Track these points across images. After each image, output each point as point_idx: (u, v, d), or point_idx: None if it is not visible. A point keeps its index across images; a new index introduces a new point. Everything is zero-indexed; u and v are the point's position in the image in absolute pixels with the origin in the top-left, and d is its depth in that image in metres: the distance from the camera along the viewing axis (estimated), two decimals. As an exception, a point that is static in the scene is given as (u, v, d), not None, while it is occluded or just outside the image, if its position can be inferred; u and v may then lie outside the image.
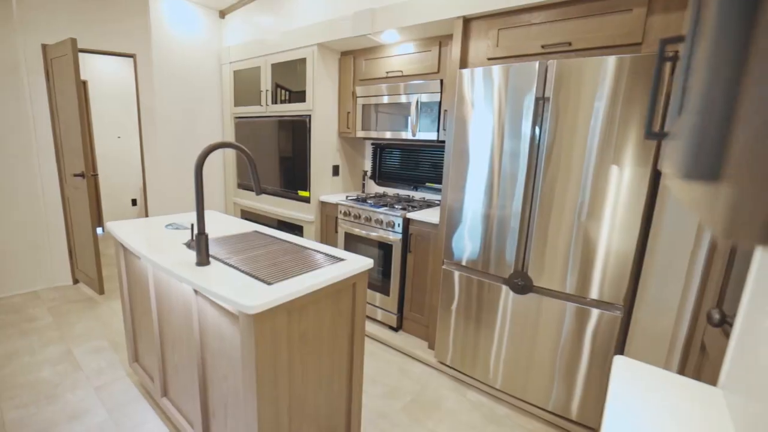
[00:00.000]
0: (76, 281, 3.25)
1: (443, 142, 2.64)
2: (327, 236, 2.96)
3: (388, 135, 2.73)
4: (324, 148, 2.95)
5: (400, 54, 2.62)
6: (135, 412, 1.82)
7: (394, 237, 2.46)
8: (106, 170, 4.75)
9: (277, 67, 3.08)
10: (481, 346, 2.03)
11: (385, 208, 2.54)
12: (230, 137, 3.69)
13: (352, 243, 2.73)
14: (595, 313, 1.65)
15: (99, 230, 3.82)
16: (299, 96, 2.94)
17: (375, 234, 2.57)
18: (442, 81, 2.42)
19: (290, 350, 1.18)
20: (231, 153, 3.70)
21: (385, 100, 2.70)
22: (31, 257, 3.07)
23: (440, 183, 2.87)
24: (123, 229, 1.78)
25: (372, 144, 3.24)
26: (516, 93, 1.75)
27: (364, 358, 1.69)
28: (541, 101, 1.69)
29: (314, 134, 2.87)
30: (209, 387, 1.35)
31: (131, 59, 3.33)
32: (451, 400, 2.00)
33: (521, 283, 1.79)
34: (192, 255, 1.40)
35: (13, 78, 2.85)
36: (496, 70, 1.80)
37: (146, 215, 3.49)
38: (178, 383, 1.58)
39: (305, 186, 2.98)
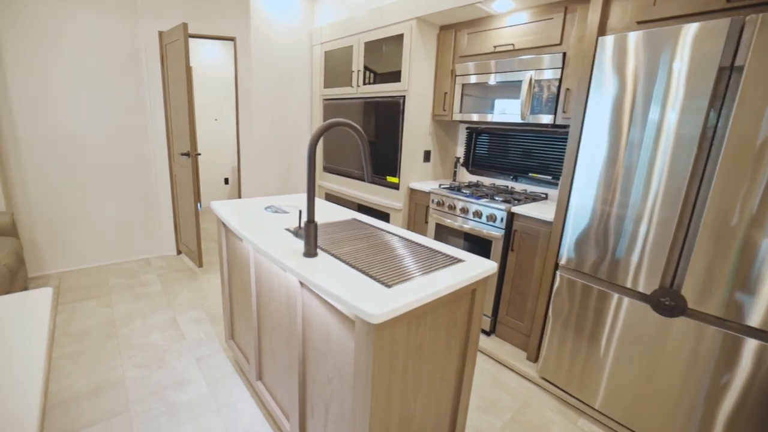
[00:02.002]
0: (179, 252, 3.53)
1: (560, 126, 2.29)
2: (415, 225, 2.80)
3: (490, 118, 2.44)
4: (416, 131, 2.76)
5: (513, 25, 2.29)
6: (230, 389, 1.86)
7: (495, 232, 2.20)
8: (203, 150, 5.11)
9: (370, 46, 2.93)
10: (600, 369, 1.72)
11: (485, 199, 2.28)
12: (318, 120, 3.67)
13: (444, 235, 2.53)
14: (782, 353, 1.26)
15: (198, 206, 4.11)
16: (392, 76, 2.77)
17: (471, 227, 2.33)
18: (564, 54, 2.06)
19: (405, 362, 1.03)
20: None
21: (491, 78, 2.40)
22: (144, 228, 3.38)
23: (546, 174, 2.52)
24: (225, 208, 1.78)
25: (467, 128, 2.97)
26: (686, 63, 1.36)
27: (474, 373, 1.50)
28: (726, 74, 1.29)
29: (407, 117, 2.69)
30: (309, 384, 1.27)
31: (230, 43, 3.43)
32: (559, 426, 1.74)
33: (670, 304, 1.44)
34: (296, 242, 1.31)
35: (134, 64, 3.08)
36: (657, 34, 1.42)
37: (238, 194, 3.65)
38: (274, 371, 1.54)
39: (394, 172, 2.83)
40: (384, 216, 2.97)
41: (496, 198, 2.28)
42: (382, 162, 2.95)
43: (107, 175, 3.13)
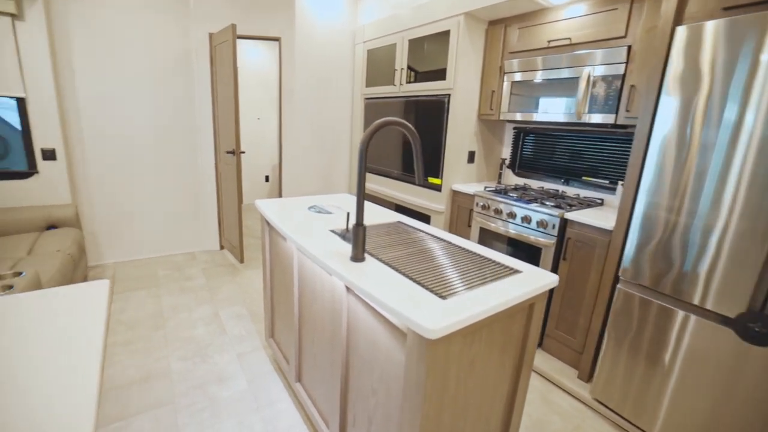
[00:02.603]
0: (222, 247, 3.64)
1: (620, 126, 2.11)
2: (457, 229, 2.70)
3: (539, 117, 2.30)
4: (461, 131, 2.66)
5: (570, 17, 2.14)
6: (270, 388, 1.86)
7: (545, 240, 2.07)
8: (245, 148, 5.26)
9: (414, 44, 2.86)
10: (661, 394, 1.56)
11: (535, 204, 2.15)
12: (359, 119, 3.65)
13: (488, 240, 2.42)
14: None
15: (241, 203, 4.22)
16: (436, 74, 2.69)
17: (518, 233, 2.21)
18: (629, 48, 1.89)
19: (458, 379, 0.95)
20: (359, 133, 3.67)
21: (542, 75, 2.26)
22: (190, 223, 3.51)
23: (601, 177, 2.34)
24: (269, 207, 1.78)
25: (514, 128, 2.83)
26: (787, 54, 1.19)
27: (527, 392, 1.40)
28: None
29: (452, 116, 2.60)
30: (352, 393, 1.23)
31: (275, 43, 3.49)
32: (616, 453, 1.59)
33: (761, 330, 1.27)
34: (342, 245, 1.27)
35: (186, 65, 3.21)
36: (751, 21, 1.25)
37: (279, 192, 3.71)
38: (315, 374, 1.52)
39: (437, 173, 2.75)
40: (424, 218, 2.90)
41: (547, 203, 2.14)
42: (424, 163, 2.88)
43: (158, 172, 3.28)
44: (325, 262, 1.14)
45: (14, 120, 2.65)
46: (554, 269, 2.07)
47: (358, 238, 1.11)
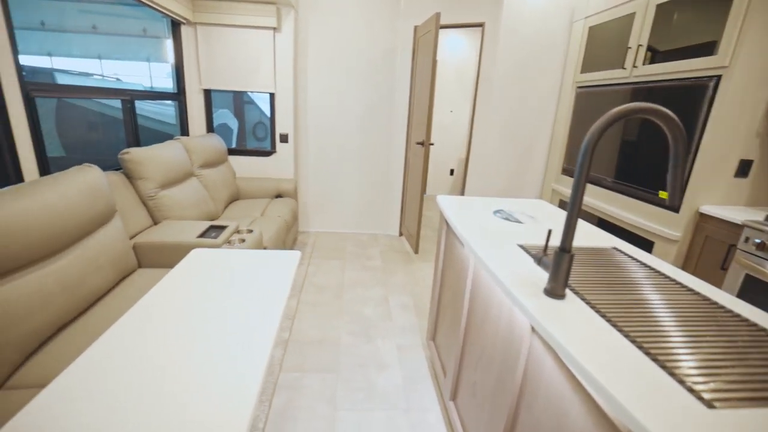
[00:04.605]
0: (401, 234, 3.81)
1: None
2: (699, 269, 1.93)
3: None
4: (731, 129, 1.85)
5: None
6: (422, 394, 1.77)
7: None
8: (434, 140, 5.34)
9: (662, 11, 2.14)
10: None
11: None
12: (564, 112, 3.10)
13: (757, 295, 1.61)
14: None
15: (423, 193, 4.31)
16: (695, 50, 1.93)
17: (828, 296, 1.37)
18: None
19: None
20: (563, 128, 3.12)
21: None
22: (378, 207, 3.80)
23: None
24: (450, 205, 1.64)
25: (841, 127, 1.78)
26: None
27: None
28: None
29: (719, 106, 1.82)
30: (517, 455, 0.97)
31: (472, 32, 3.29)
32: None
33: None
34: (534, 268, 1.00)
35: (390, 59, 3.40)
36: None
37: (462, 186, 3.58)
38: (472, 403, 1.31)
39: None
40: (643, 243, 2.20)
41: None
42: (654, 171, 2.17)
43: (358, 158, 3.65)
44: (509, 289, 0.90)
45: (267, 111, 3.40)
46: None
47: (560, 268, 0.82)
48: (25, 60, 1.63)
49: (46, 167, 1.75)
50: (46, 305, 1.27)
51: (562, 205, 3.07)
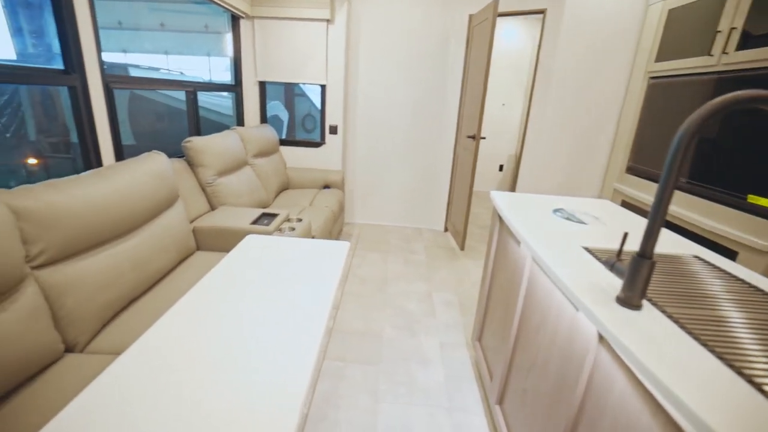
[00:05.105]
0: (446, 229, 3.74)
1: None
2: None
3: None
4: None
5: None
6: (466, 394, 1.72)
7: None
8: (485, 135, 5.15)
9: (767, -13, 1.87)
10: None
11: None
12: (633, 106, 2.84)
13: None
14: None
15: (470, 188, 4.19)
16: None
17: None
18: None
19: None
20: (629, 123, 2.87)
21: None
22: (423, 201, 3.75)
23: None
24: (505, 201, 1.56)
25: None
26: None
27: None
28: None
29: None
30: (574, 472, 0.91)
31: (532, 20, 3.10)
32: None
33: None
34: (603, 273, 0.92)
35: (442, 50, 3.30)
36: None
37: (512, 184, 3.42)
38: (521, 411, 1.25)
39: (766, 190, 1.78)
40: (723, 252, 1.97)
41: None
42: (742, 172, 1.92)
43: (406, 150, 3.61)
44: (576, 294, 0.83)
45: (317, 102, 3.45)
46: None
47: (638, 275, 0.74)
48: (104, 57, 1.76)
49: (120, 153, 1.90)
50: (120, 280, 1.38)
51: (624, 206, 2.83)
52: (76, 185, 1.29)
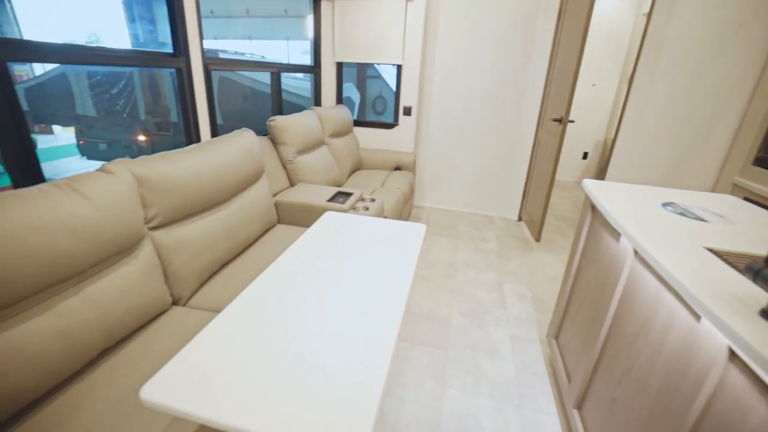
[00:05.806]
0: (520, 219, 3.53)
1: None
2: None
3: None
4: None
5: None
6: (537, 392, 1.63)
7: None
8: (572, 118, 4.71)
9: None
10: None
11: None
12: (767, 84, 2.37)
13: None
14: None
15: (549, 176, 3.88)
16: None
17: None
18: None
19: None
20: (765, 103, 2.40)
21: None
22: (497, 187, 3.57)
23: None
24: (603, 191, 1.40)
25: None
26: None
27: None
28: None
29: None
30: (677, 499, 0.80)
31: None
32: None
33: None
34: (738, 281, 0.78)
35: (530, 26, 3.02)
36: None
37: (597, 173, 3.09)
38: (606, 420, 1.14)
39: None
40: None
41: None
42: None
43: (482, 134, 3.44)
44: (703, 302, 0.71)
45: (392, 83, 3.41)
46: None
47: (798, 286, 0.60)
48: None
49: (215, 131, 2.06)
50: (215, 246, 1.51)
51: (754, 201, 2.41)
52: (182, 158, 1.42)
